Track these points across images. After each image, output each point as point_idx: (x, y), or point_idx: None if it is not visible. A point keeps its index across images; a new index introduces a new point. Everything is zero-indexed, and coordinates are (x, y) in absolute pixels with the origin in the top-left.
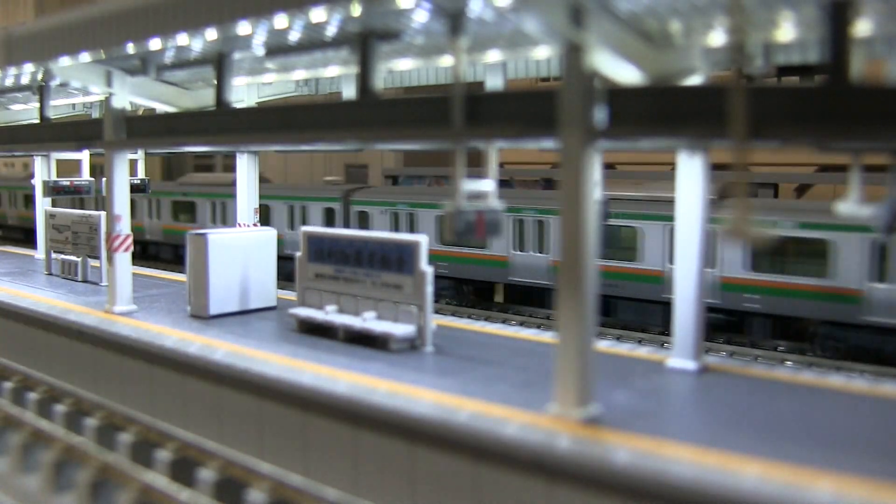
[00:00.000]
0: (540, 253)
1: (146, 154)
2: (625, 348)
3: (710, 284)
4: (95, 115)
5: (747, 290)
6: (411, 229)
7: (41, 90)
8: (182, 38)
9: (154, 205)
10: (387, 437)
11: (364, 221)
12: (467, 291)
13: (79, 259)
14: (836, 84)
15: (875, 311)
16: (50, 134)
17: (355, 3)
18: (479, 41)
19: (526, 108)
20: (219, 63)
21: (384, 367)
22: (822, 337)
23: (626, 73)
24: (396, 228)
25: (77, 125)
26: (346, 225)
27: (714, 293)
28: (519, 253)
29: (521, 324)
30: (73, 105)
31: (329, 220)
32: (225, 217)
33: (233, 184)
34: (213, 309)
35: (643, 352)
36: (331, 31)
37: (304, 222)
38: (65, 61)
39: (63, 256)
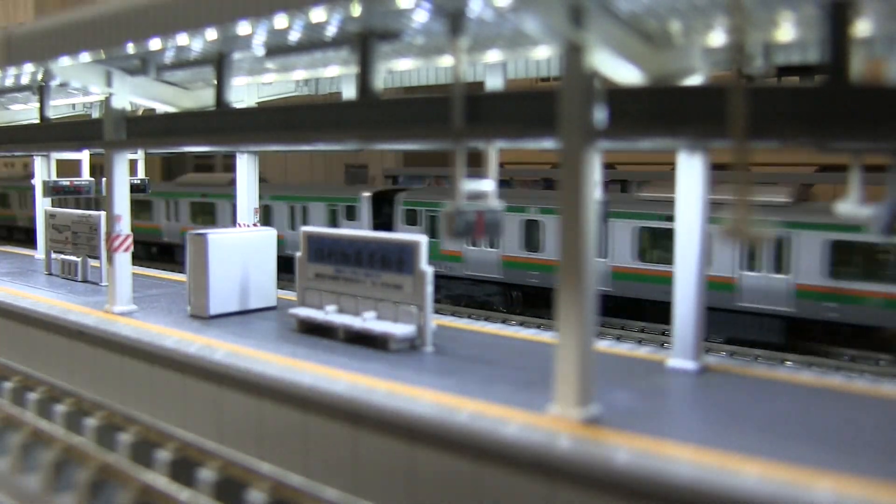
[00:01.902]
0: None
1: (146, 154)
2: (625, 348)
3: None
4: (95, 115)
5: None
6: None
7: (41, 90)
8: (182, 38)
9: (172, 206)
10: (387, 437)
11: (413, 222)
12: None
13: (79, 259)
14: (836, 84)
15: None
16: (50, 134)
17: (355, 3)
18: (479, 41)
19: (526, 108)
20: (219, 63)
21: (384, 367)
22: None
23: (626, 73)
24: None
25: (77, 125)
26: (391, 228)
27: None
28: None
29: (521, 324)
30: (73, 105)
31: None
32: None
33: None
34: (213, 309)
35: (643, 352)
36: (331, 31)
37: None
38: (65, 61)
39: (63, 256)
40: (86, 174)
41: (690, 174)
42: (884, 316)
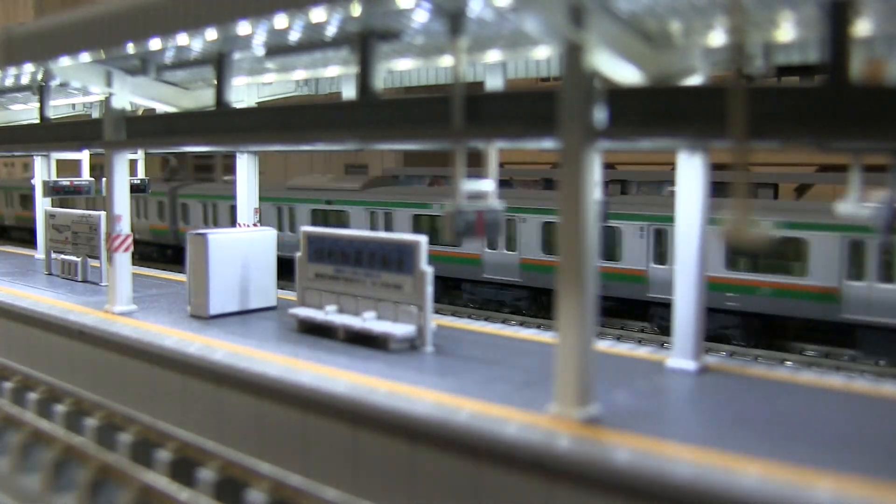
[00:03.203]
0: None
1: (146, 154)
2: (625, 348)
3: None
4: (95, 115)
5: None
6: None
7: (41, 90)
8: (182, 38)
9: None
10: (387, 437)
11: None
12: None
13: (79, 259)
14: (836, 84)
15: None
16: (50, 134)
17: (355, 3)
18: (479, 41)
19: (526, 108)
20: (219, 63)
21: (384, 367)
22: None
23: (626, 73)
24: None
25: (77, 125)
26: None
27: None
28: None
29: (521, 324)
30: (73, 105)
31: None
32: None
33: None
34: (213, 309)
35: (643, 352)
36: (331, 31)
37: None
38: (65, 61)
39: (63, 256)
40: (86, 174)
41: (690, 174)
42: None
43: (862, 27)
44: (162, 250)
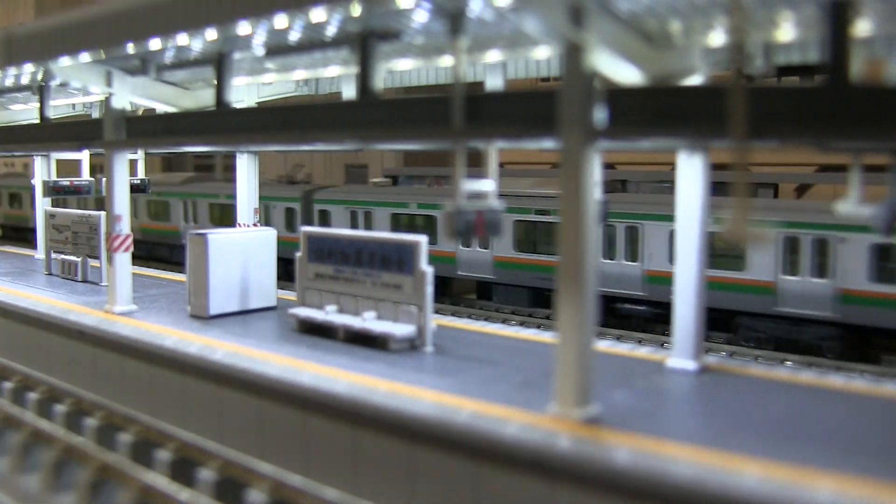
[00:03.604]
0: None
1: (146, 154)
2: (625, 348)
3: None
4: (95, 115)
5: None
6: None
7: (41, 90)
8: (182, 38)
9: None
10: (387, 437)
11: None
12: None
13: (79, 259)
14: (836, 84)
15: None
16: (50, 134)
17: (355, 3)
18: (479, 41)
19: (526, 108)
20: (219, 63)
21: (384, 367)
22: None
23: (626, 73)
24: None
25: (77, 125)
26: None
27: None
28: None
29: (521, 324)
30: (73, 105)
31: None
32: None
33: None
34: (213, 309)
35: (643, 352)
36: (331, 31)
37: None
38: (65, 61)
39: (63, 256)
40: (86, 174)
41: (690, 174)
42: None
43: (862, 27)
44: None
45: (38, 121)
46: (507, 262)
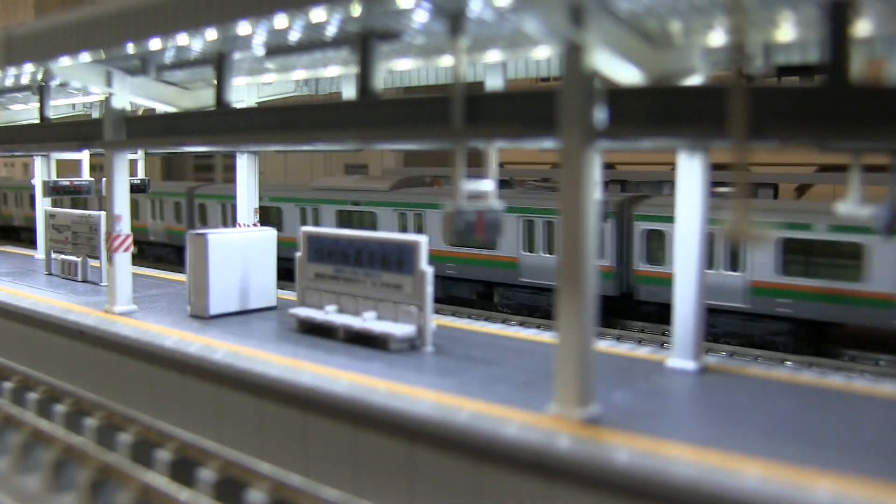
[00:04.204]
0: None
1: (146, 154)
2: (625, 348)
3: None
4: (95, 115)
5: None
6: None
7: (41, 90)
8: (182, 38)
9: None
10: (387, 437)
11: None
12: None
13: (79, 259)
14: (836, 84)
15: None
16: (50, 134)
17: (355, 3)
18: (479, 41)
19: (526, 108)
20: (219, 63)
21: (384, 367)
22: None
23: (626, 73)
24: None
25: (77, 125)
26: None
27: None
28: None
29: (521, 324)
30: (73, 105)
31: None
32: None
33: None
34: (213, 309)
35: (643, 352)
36: (331, 31)
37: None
38: (65, 61)
39: (63, 256)
40: (86, 174)
41: (690, 174)
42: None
43: (862, 27)
44: None
45: (38, 121)
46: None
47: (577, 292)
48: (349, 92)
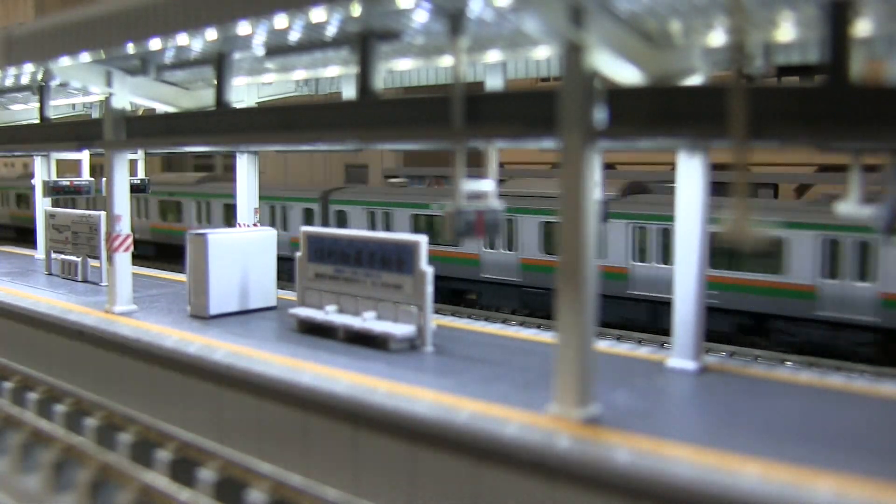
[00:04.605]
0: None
1: (146, 154)
2: (625, 348)
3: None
4: (95, 115)
5: None
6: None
7: (41, 90)
8: (182, 38)
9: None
10: (387, 437)
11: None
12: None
13: (79, 259)
14: (836, 84)
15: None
16: (50, 134)
17: (355, 3)
18: (479, 41)
19: (526, 108)
20: (219, 63)
21: (384, 367)
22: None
23: (626, 73)
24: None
25: (77, 125)
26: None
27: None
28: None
29: (521, 324)
30: (73, 105)
31: None
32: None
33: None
34: (213, 309)
35: (643, 352)
36: (331, 31)
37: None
38: (65, 61)
39: (63, 256)
40: (86, 174)
41: (690, 174)
42: None
43: (862, 27)
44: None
45: (38, 121)
46: None
47: (577, 292)
48: (349, 92)
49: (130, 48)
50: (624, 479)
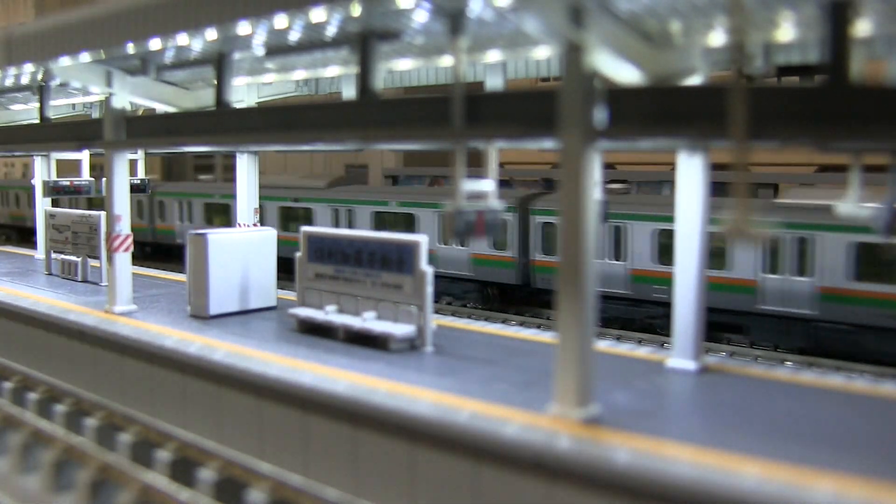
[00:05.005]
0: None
1: (146, 154)
2: (625, 348)
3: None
4: (95, 115)
5: None
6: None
7: (41, 90)
8: (182, 38)
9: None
10: (387, 437)
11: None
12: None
13: (79, 259)
14: (836, 84)
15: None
16: (50, 134)
17: (355, 3)
18: (479, 41)
19: (526, 108)
20: (219, 63)
21: (384, 367)
22: None
23: (626, 73)
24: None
25: (77, 125)
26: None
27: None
28: None
29: (521, 324)
30: (73, 105)
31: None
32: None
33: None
34: (213, 309)
35: (643, 352)
36: (331, 31)
37: None
38: (65, 61)
39: (63, 256)
40: (86, 174)
41: (690, 174)
42: None
43: (862, 27)
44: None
45: (38, 121)
46: None
47: (577, 292)
48: (349, 92)
49: (130, 48)
50: (624, 479)
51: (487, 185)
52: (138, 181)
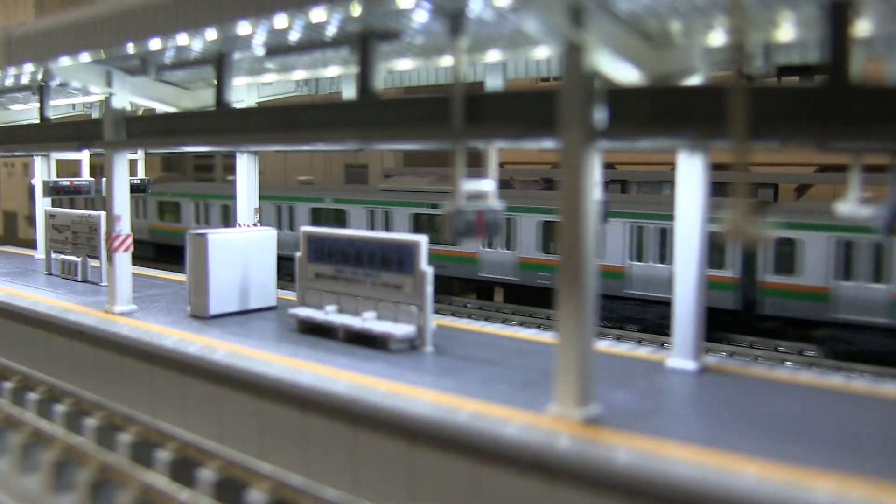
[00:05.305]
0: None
1: (146, 154)
2: (625, 348)
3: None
4: (95, 115)
5: None
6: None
7: (41, 90)
8: (182, 38)
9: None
10: (387, 437)
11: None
12: None
13: (79, 259)
14: (836, 84)
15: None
16: (50, 134)
17: (355, 3)
18: (479, 41)
19: (526, 108)
20: (219, 63)
21: (384, 367)
22: None
23: (626, 73)
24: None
25: (77, 125)
26: None
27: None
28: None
29: (521, 324)
30: (73, 105)
31: None
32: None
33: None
34: (213, 309)
35: (643, 352)
36: (331, 31)
37: None
38: (65, 61)
39: (63, 256)
40: (86, 174)
41: (690, 174)
42: None
43: (862, 27)
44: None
45: (38, 121)
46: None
47: (577, 292)
48: (349, 92)
49: (130, 48)
50: (624, 479)
51: (487, 185)
52: (138, 181)
